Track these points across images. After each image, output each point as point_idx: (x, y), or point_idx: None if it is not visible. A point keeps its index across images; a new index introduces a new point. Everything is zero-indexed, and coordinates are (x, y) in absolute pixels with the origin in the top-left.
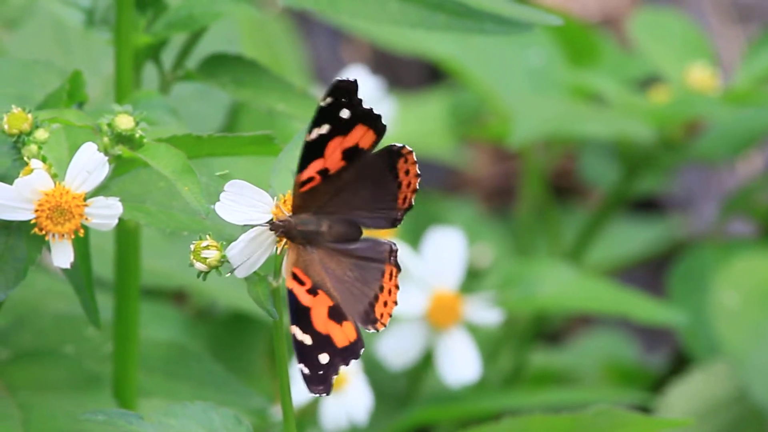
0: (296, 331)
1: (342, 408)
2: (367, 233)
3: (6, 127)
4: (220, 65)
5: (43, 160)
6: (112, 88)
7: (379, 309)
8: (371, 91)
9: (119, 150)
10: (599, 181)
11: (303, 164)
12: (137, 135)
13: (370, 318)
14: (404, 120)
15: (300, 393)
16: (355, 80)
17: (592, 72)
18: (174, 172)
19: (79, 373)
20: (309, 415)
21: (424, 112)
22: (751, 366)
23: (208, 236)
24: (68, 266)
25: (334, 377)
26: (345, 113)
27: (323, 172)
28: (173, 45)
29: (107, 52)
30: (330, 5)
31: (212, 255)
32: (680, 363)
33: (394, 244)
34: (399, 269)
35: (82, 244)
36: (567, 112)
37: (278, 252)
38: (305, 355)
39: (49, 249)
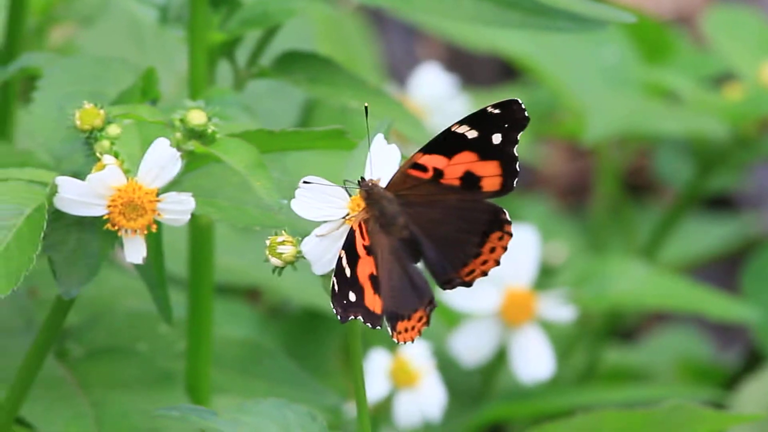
0: (344, 257)
1: (416, 405)
2: None
3: (78, 123)
4: (293, 62)
5: (116, 155)
6: (186, 86)
7: (402, 325)
8: (446, 88)
9: (191, 145)
10: (673, 179)
11: (432, 147)
12: (209, 130)
13: (391, 322)
14: None
15: (374, 390)
16: (528, 119)
17: (666, 69)
18: (246, 167)
19: (152, 371)
20: (383, 412)
21: None
22: None
23: (283, 231)
24: (141, 262)
25: (351, 317)
26: (497, 138)
27: (437, 174)
28: (247, 42)
29: (181, 49)
30: (404, 2)
31: (288, 250)
32: (754, 360)
33: (435, 304)
34: (428, 323)
35: (154, 240)
36: (641, 110)
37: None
38: (340, 279)
39: (121, 245)
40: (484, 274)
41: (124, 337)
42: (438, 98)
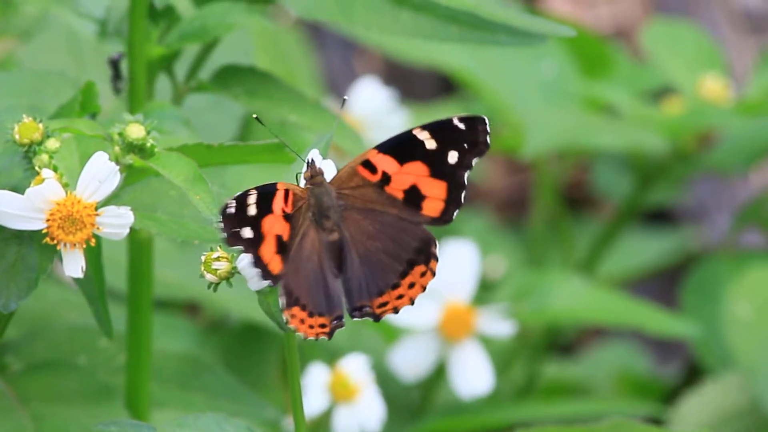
0: (254, 194)
1: (354, 419)
2: None
3: (17, 136)
4: (232, 76)
5: (54, 169)
6: (125, 100)
7: (298, 312)
8: (384, 102)
9: (130, 159)
10: (612, 193)
11: (388, 146)
12: (148, 144)
13: (287, 298)
14: None
15: (313, 405)
16: (488, 145)
17: (604, 83)
18: (185, 180)
19: (91, 384)
20: (321, 426)
21: None
22: (764, 377)
23: (218, 247)
24: (80, 275)
25: (236, 246)
26: (453, 156)
27: (385, 178)
28: (186, 56)
29: (121, 63)
30: (344, 16)
31: (223, 266)
32: (693, 374)
33: (343, 323)
34: (329, 335)
35: (94, 254)
36: (580, 124)
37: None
38: (239, 207)
39: (60, 259)
40: (395, 311)
41: (64, 351)
42: (376, 112)
